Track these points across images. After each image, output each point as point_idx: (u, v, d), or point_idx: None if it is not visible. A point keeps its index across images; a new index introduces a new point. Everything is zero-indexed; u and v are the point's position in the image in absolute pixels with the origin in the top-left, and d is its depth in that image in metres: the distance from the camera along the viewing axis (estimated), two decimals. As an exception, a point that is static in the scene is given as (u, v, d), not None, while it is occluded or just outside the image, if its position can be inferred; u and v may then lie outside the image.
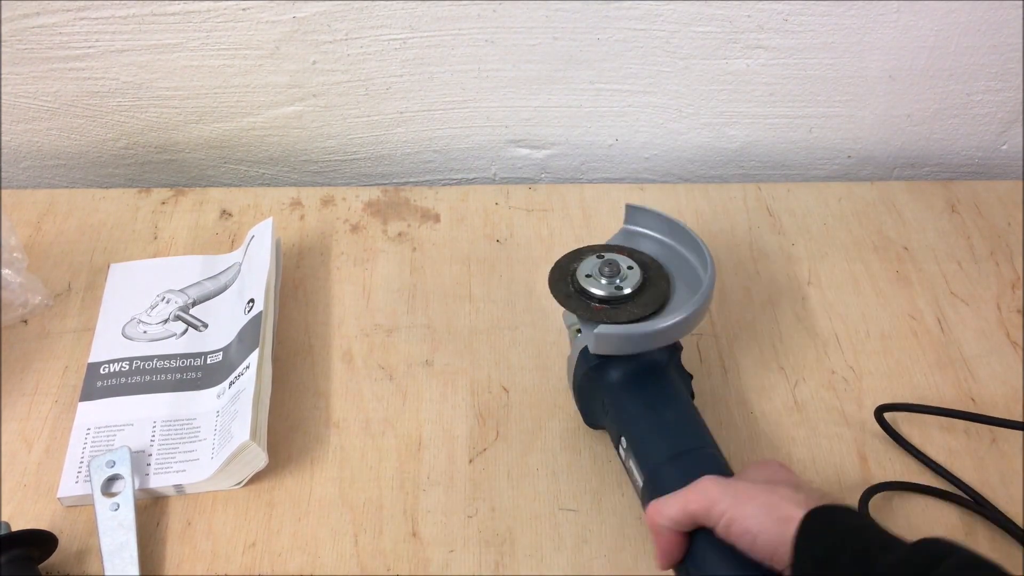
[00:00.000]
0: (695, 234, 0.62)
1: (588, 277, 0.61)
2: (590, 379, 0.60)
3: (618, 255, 0.62)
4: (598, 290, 0.60)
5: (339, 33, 0.78)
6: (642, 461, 0.56)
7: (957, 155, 0.92)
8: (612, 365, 0.59)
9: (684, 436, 0.56)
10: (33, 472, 0.64)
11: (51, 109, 0.83)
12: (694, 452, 0.55)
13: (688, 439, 0.56)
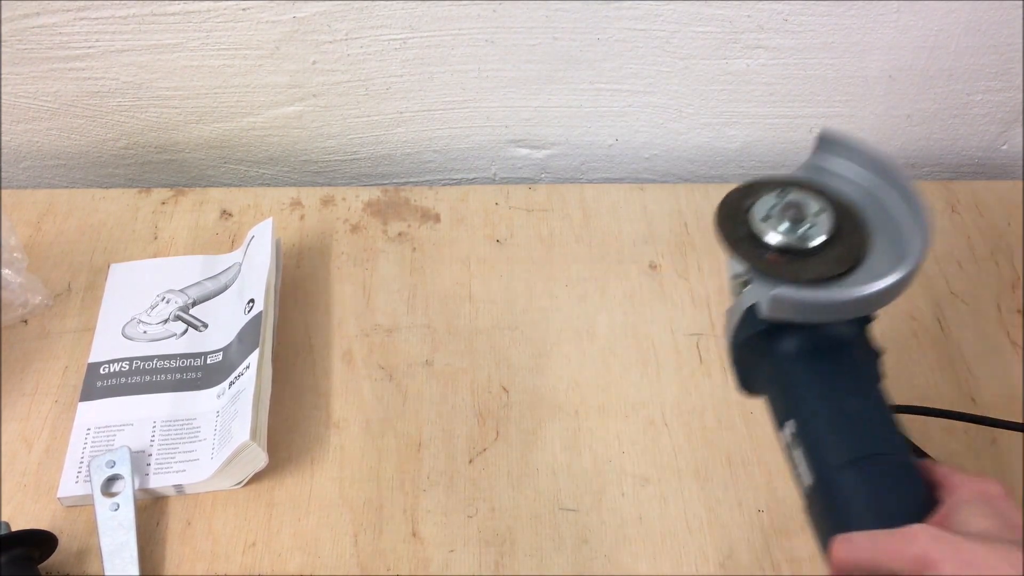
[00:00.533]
0: (906, 176, 0.49)
1: (766, 220, 0.48)
2: (755, 345, 0.49)
3: (805, 194, 0.49)
4: (777, 237, 0.48)
5: (339, 33, 0.78)
6: (813, 458, 0.46)
7: (957, 155, 0.92)
8: (786, 332, 0.48)
9: (872, 435, 0.46)
10: (33, 472, 0.64)
11: (51, 109, 0.83)
12: (884, 459, 0.45)
13: (877, 440, 0.46)
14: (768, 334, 0.48)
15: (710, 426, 0.67)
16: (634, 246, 0.79)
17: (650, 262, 0.78)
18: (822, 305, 0.46)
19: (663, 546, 0.61)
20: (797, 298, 0.45)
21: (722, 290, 0.77)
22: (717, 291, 0.76)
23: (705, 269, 0.78)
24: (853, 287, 0.45)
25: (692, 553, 0.61)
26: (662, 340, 0.73)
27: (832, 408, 0.47)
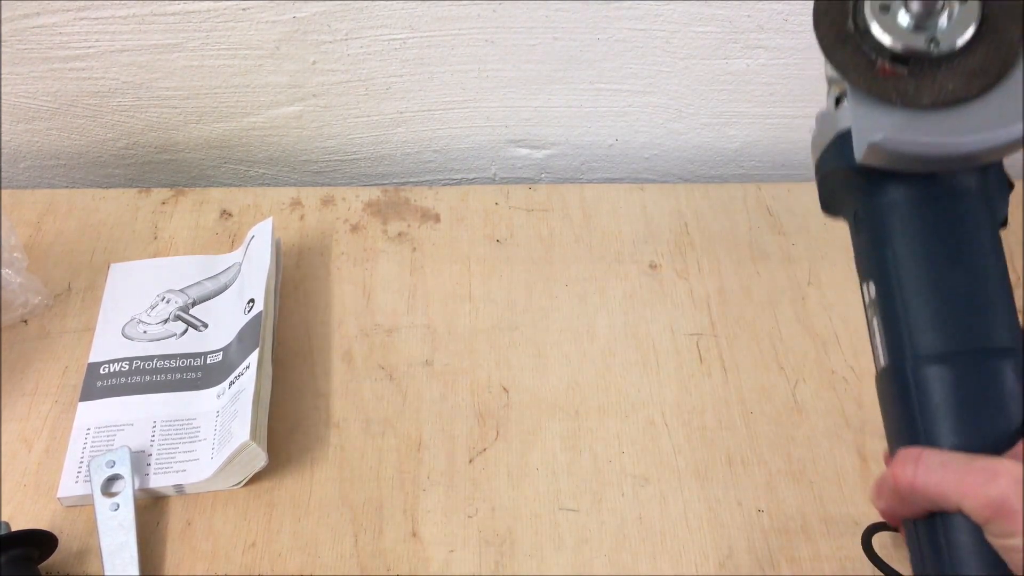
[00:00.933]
0: None
1: (884, 11, 0.35)
2: (845, 179, 0.39)
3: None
4: (895, 36, 0.35)
5: (339, 33, 0.78)
6: (893, 338, 0.37)
7: (957, 155, 0.92)
8: (887, 177, 0.38)
9: (975, 324, 0.35)
10: (33, 472, 0.63)
11: (51, 109, 0.83)
12: (985, 359, 0.35)
13: (980, 330, 0.35)
14: (863, 173, 0.37)
15: (710, 426, 0.67)
16: (634, 246, 0.79)
17: (650, 262, 0.78)
18: (940, 157, 0.34)
19: (663, 546, 0.61)
20: (907, 147, 0.34)
21: (722, 290, 0.76)
22: (717, 291, 0.76)
23: (705, 269, 0.78)
24: (989, 125, 0.33)
25: (692, 553, 0.61)
26: (662, 340, 0.73)
27: (929, 280, 0.37)
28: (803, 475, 0.65)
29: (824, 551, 0.61)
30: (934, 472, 0.33)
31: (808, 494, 0.64)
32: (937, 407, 0.35)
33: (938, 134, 0.34)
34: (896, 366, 0.37)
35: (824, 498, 0.64)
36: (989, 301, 0.36)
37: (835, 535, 0.62)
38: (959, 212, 0.37)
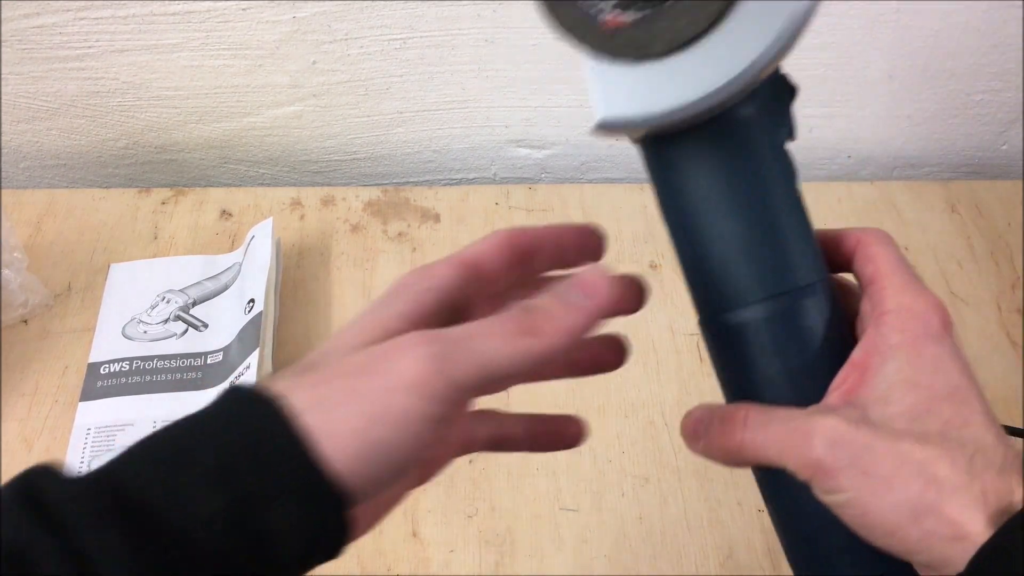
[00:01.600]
0: None
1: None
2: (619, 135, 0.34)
3: None
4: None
5: (339, 33, 0.78)
6: (697, 291, 0.36)
7: (957, 155, 0.92)
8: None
9: (778, 264, 0.33)
10: (33, 472, 0.63)
11: (51, 109, 0.83)
12: (797, 296, 0.33)
13: (783, 270, 0.33)
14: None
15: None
16: (634, 246, 0.79)
17: (650, 262, 0.78)
18: (677, 118, 0.31)
19: (663, 546, 0.61)
20: (638, 118, 0.31)
21: (722, 290, 0.77)
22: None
23: (705, 269, 0.78)
24: (730, 58, 0.29)
25: (692, 553, 0.61)
26: (662, 340, 0.73)
27: (718, 229, 0.35)
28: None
29: (824, 551, 0.61)
30: (758, 434, 0.32)
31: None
32: (752, 359, 0.34)
33: (678, 88, 0.30)
34: (706, 320, 0.36)
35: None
36: (784, 239, 0.34)
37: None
38: (739, 150, 0.34)
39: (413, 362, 0.27)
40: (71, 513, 0.25)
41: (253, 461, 0.26)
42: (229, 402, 0.28)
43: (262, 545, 0.26)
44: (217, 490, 0.25)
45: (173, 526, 0.25)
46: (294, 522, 0.26)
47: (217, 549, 0.25)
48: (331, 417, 0.27)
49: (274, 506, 0.26)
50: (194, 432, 0.27)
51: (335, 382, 0.28)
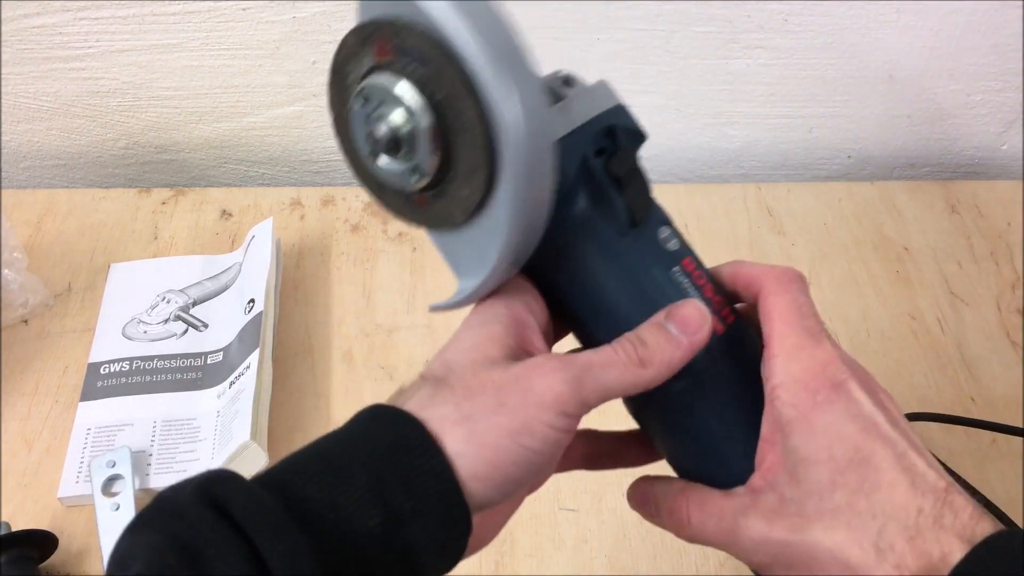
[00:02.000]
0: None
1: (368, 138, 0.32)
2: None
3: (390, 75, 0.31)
4: (384, 176, 0.32)
5: (339, 33, 0.78)
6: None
7: (957, 155, 0.92)
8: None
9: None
10: (33, 472, 0.63)
11: (51, 109, 0.83)
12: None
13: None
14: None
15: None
16: (634, 246, 0.79)
17: (650, 262, 0.78)
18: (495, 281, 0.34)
19: (663, 546, 0.61)
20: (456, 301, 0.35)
21: (722, 290, 0.76)
22: (717, 291, 0.76)
23: (705, 269, 0.78)
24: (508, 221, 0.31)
25: (692, 553, 0.61)
26: (662, 340, 0.73)
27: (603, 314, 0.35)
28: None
29: (824, 551, 0.61)
30: (698, 530, 0.34)
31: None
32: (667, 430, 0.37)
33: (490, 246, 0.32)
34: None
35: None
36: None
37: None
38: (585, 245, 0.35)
39: (554, 383, 0.31)
40: (252, 520, 0.27)
41: (402, 482, 0.29)
42: (374, 419, 0.31)
43: (409, 556, 0.29)
44: (373, 508, 0.29)
45: (340, 538, 0.28)
46: (435, 536, 0.30)
47: (375, 559, 0.29)
48: (478, 430, 0.30)
49: (418, 522, 0.29)
50: (347, 450, 0.30)
51: (478, 399, 0.31)
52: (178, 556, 0.27)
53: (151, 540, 0.28)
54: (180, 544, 0.27)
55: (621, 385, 0.33)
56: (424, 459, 0.30)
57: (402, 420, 0.30)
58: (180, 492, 0.29)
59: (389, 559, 0.29)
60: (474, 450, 0.30)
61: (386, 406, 0.31)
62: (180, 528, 0.28)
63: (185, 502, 0.29)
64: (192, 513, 0.28)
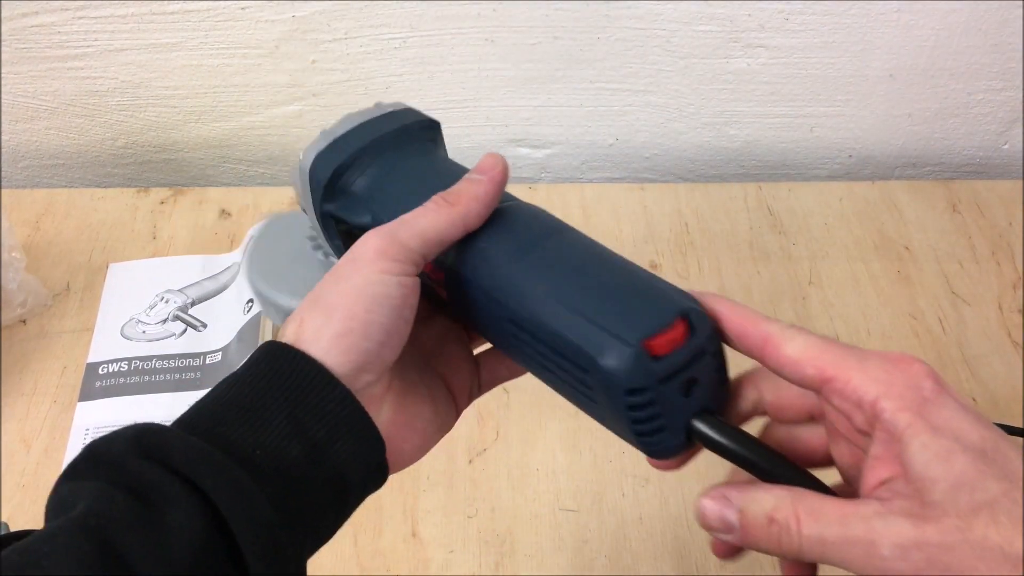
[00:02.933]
0: None
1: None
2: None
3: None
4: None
5: (339, 32, 0.78)
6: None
7: (958, 154, 0.92)
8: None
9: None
10: (32, 472, 0.63)
11: (50, 108, 0.83)
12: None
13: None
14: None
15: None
16: (634, 245, 0.79)
17: (650, 261, 0.78)
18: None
19: (664, 547, 0.61)
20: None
21: (723, 290, 0.76)
22: (718, 290, 0.75)
23: (706, 268, 0.78)
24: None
25: (693, 554, 0.61)
26: (662, 340, 0.72)
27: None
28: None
29: (825, 551, 0.61)
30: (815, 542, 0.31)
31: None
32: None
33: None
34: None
35: (825, 498, 0.63)
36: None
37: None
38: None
39: (371, 241, 0.35)
40: (192, 464, 0.30)
41: (313, 414, 0.32)
42: (272, 362, 0.33)
43: (337, 477, 0.33)
44: (294, 441, 0.32)
45: (273, 470, 0.31)
46: (354, 453, 0.33)
47: (308, 483, 0.32)
48: (328, 304, 0.34)
49: (337, 445, 0.33)
50: (258, 395, 0.33)
51: (323, 286, 0.35)
52: (127, 498, 0.29)
53: (92, 485, 0.30)
54: (126, 488, 0.29)
55: (436, 227, 0.35)
56: (327, 391, 0.33)
57: (298, 359, 0.33)
58: (112, 444, 0.31)
59: (319, 482, 0.32)
60: (328, 320, 0.33)
61: (279, 346, 0.34)
62: (121, 476, 0.30)
63: (120, 452, 0.31)
64: (131, 463, 0.30)
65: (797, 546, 0.31)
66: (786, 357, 0.33)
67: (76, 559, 0.28)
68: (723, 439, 0.34)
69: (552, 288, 0.35)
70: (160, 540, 0.28)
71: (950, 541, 0.28)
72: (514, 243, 0.37)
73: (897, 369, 0.31)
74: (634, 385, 0.32)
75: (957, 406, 0.30)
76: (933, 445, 0.29)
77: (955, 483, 0.28)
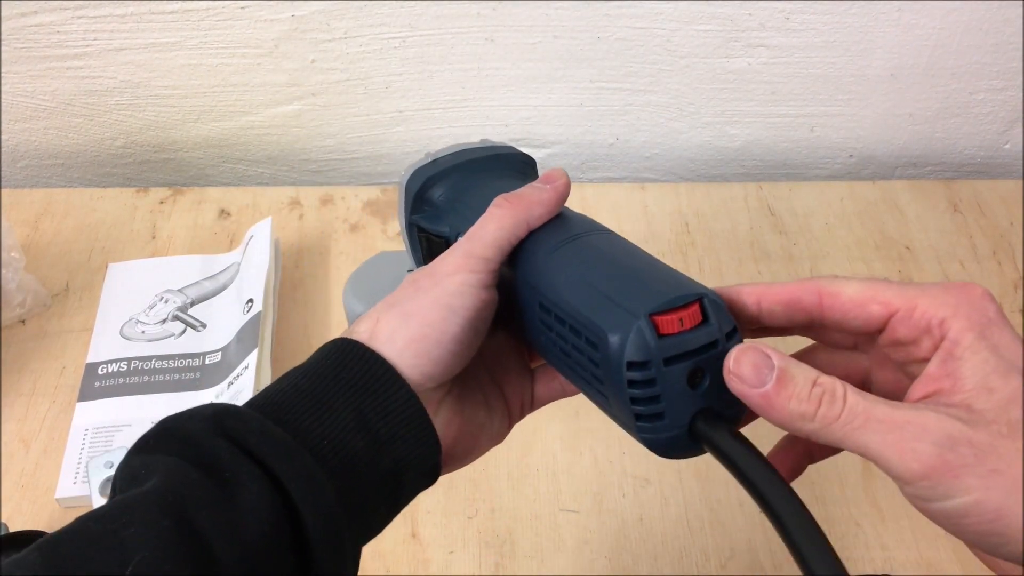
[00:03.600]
0: None
1: None
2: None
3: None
4: None
5: (338, 31, 0.78)
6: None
7: (959, 154, 0.92)
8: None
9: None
10: (31, 473, 0.63)
11: (49, 108, 0.83)
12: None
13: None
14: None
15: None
16: (635, 245, 0.79)
17: (651, 262, 0.78)
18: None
19: (664, 547, 0.61)
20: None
21: (723, 290, 0.76)
22: (718, 291, 0.76)
23: (707, 268, 0.77)
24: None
25: (693, 554, 0.60)
26: (663, 340, 0.72)
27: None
28: (804, 475, 0.64)
29: (826, 552, 0.61)
30: (857, 420, 0.30)
31: (809, 495, 0.63)
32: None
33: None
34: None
35: (825, 498, 0.63)
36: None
37: (836, 536, 0.61)
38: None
39: (450, 258, 0.36)
40: (266, 448, 0.31)
41: (378, 412, 0.34)
42: (343, 358, 0.35)
43: (395, 474, 0.35)
44: (359, 435, 0.33)
45: (337, 461, 0.32)
46: (413, 453, 0.35)
47: (368, 477, 0.33)
48: (405, 310, 0.35)
49: (397, 444, 0.34)
50: (328, 388, 0.34)
51: (400, 293, 0.36)
52: (202, 474, 0.30)
53: (166, 460, 0.31)
54: (199, 465, 0.30)
55: (503, 228, 0.37)
56: (393, 389, 0.34)
57: (368, 356, 0.34)
58: (189, 421, 0.32)
59: (378, 477, 0.34)
60: (404, 324, 0.35)
61: (350, 342, 0.35)
62: (197, 453, 0.31)
63: (197, 430, 0.32)
64: (208, 442, 0.31)
65: (836, 414, 0.30)
66: (849, 301, 0.32)
67: (155, 533, 0.28)
68: (725, 446, 0.32)
69: (579, 271, 0.35)
70: (233, 519, 0.29)
71: (999, 444, 0.28)
72: (556, 238, 0.38)
73: (963, 293, 0.31)
74: (634, 358, 0.31)
75: (1015, 334, 0.31)
76: (993, 361, 0.29)
77: (1009, 397, 0.29)
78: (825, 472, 0.64)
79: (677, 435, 0.33)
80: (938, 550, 0.61)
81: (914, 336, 0.32)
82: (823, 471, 0.64)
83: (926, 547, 0.61)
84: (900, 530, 0.62)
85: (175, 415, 0.33)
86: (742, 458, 0.32)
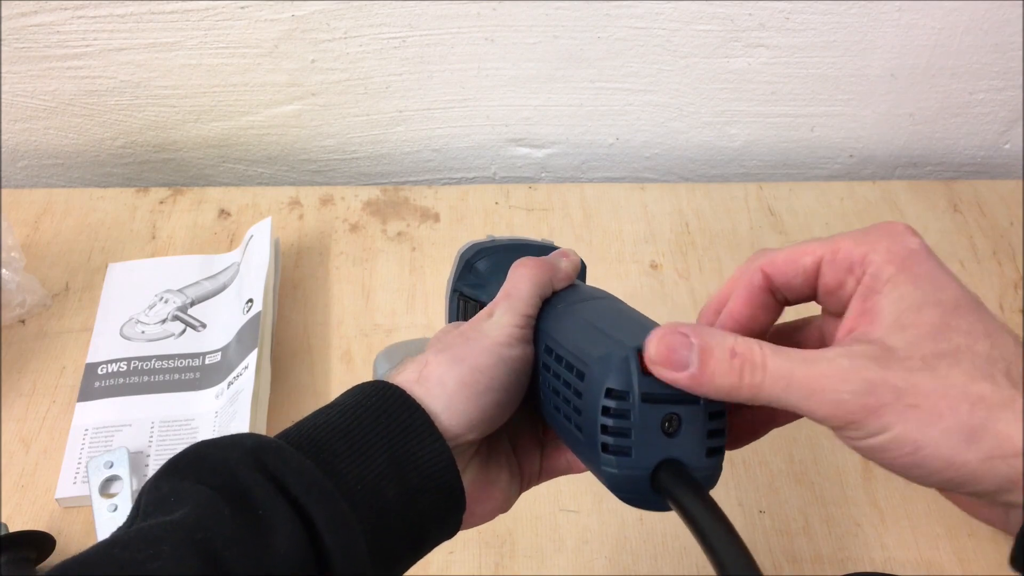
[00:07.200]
0: None
1: None
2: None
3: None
4: None
5: (338, 31, 0.78)
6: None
7: (959, 154, 0.92)
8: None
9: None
10: (31, 473, 0.63)
11: (49, 108, 0.83)
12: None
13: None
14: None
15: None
16: (635, 245, 0.79)
17: (651, 262, 0.78)
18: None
19: (664, 547, 0.61)
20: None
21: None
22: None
23: (707, 268, 0.77)
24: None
25: (693, 554, 0.60)
26: (663, 340, 0.72)
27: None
28: (804, 476, 0.64)
29: (825, 552, 0.61)
30: (780, 378, 0.30)
31: (809, 495, 0.63)
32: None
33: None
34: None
35: (825, 499, 0.63)
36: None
37: (836, 536, 0.61)
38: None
39: (495, 314, 0.37)
40: (302, 488, 0.31)
41: (412, 462, 0.34)
42: (383, 402, 0.35)
43: (419, 525, 0.34)
44: (392, 483, 0.33)
45: (368, 507, 0.32)
46: (439, 507, 0.34)
47: (395, 526, 0.33)
48: (453, 356, 0.36)
49: (426, 496, 0.34)
50: (366, 432, 0.34)
51: (447, 339, 0.37)
52: (233, 509, 0.30)
53: (198, 490, 0.31)
54: (233, 499, 0.30)
55: (535, 282, 0.38)
56: (428, 440, 0.34)
57: (408, 402, 0.34)
58: (226, 450, 0.32)
59: (405, 526, 0.33)
60: (454, 366, 0.35)
61: (393, 388, 0.35)
62: (232, 485, 0.31)
63: (234, 461, 0.32)
64: (244, 474, 0.31)
65: (759, 381, 0.30)
66: (783, 262, 0.34)
67: (183, 571, 0.28)
68: (685, 501, 0.31)
69: (585, 318, 0.36)
70: (264, 561, 0.29)
71: (914, 379, 0.28)
72: (569, 299, 0.39)
73: (883, 228, 0.32)
74: (614, 385, 0.31)
75: (937, 263, 0.31)
76: (911, 295, 0.30)
77: (923, 332, 0.29)
78: (825, 472, 0.64)
79: (639, 476, 0.32)
80: (938, 550, 0.61)
81: (840, 278, 0.32)
82: (823, 471, 0.65)
83: (926, 547, 0.61)
84: (900, 530, 0.62)
85: (211, 441, 0.33)
86: (702, 517, 0.31)
